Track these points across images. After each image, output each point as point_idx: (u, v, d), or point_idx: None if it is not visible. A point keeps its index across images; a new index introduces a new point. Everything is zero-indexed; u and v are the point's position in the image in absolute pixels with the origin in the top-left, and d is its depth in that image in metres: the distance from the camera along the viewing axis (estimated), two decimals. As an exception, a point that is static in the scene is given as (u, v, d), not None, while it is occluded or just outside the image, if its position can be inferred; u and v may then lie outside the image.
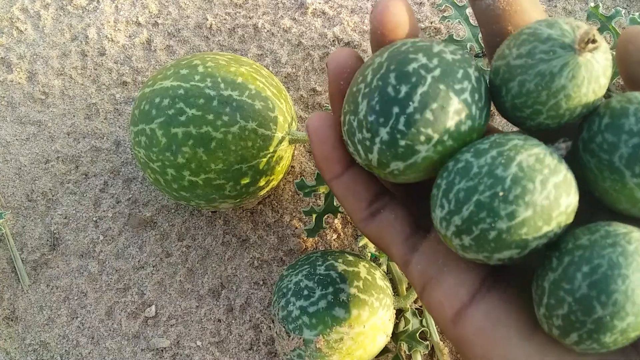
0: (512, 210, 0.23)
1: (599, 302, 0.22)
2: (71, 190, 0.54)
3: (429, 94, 0.25)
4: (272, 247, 0.52)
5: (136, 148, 0.43)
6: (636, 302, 0.22)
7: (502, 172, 0.23)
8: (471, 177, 0.24)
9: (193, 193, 0.43)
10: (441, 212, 0.25)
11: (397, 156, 0.25)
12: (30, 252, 0.52)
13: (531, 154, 0.24)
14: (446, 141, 0.25)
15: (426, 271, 0.28)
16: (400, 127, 0.25)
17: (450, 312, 0.27)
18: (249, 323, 0.49)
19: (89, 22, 0.61)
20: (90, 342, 0.49)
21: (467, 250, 0.25)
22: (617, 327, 0.22)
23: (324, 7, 0.61)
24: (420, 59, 0.26)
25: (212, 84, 0.41)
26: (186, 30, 0.61)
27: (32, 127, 0.57)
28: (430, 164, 0.26)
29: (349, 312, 0.39)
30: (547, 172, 0.23)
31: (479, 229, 0.24)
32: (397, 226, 0.29)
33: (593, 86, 0.24)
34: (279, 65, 0.59)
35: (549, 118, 0.25)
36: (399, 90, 0.25)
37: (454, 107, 0.25)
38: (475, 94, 0.25)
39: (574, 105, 0.24)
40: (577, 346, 0.23)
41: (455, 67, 0.25)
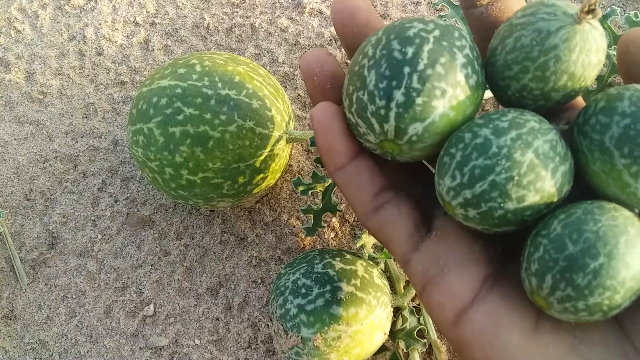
0: (522, 195, 0.24)
1: (571, 239, 0.23)
2: (69, 190, 0.54)
3: (436, 50, 0.25)
4: (270, 245, 0.52)
5: (134, 147, 0.43)
6: (608, 242, 0.22)
7: (520, 156, 0.24)
8: (489, 156, 0.24)
9: (191, 192, 0.43)
10: (451, 182, 0.25)
11: (415, 117, 0.25)
12: (29, 251, 0.52)
13: (546, 140, 0.24)
14: (459, 95, 0.25)
15: (427, 271, 0.28)
16: (414, 84, 0.25)
17: (450, 314, 0.26)
18: (247, 321, 0.49)
19: (87, 21, 0.61)
20: (89, 341, 0.49)
21: (468, 220, 0.26)
22: (590, 266, 0.22)
23: (321, 7, 0.61)
24: (417, 25, 0.27)
25: (209, 83, 0.41)
26: (184, 30, 0.61)
27: (30, 127, 0.57)
28: (447, 125, 0.26)
29: (346, 310, 0.39)
30: (558, 160, 0.24)
31: (487, 206, 0.24)
32: (400, 222, 0.29)
33: (583, 57, 0.25)
34: (276, 65, 0.59)
35: (535, 79, 0.25)
36: (406, 52, 0.26)
37: (460, 61, 0.26)
38: (474, 51, 0.27)
39: (560, 70, 0.25)
40: (556, 301, 0.23)
41: (450, 28, 0.27)
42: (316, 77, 0.30)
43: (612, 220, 0.23)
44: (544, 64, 0.25)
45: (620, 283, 0.22)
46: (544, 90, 0.26)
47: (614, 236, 0.22)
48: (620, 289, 0.22)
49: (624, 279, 0.22)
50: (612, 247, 0.22)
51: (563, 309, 0.23)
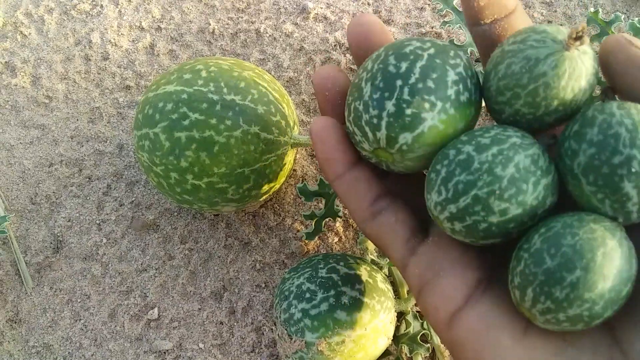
0: (504, 208, 0.25)
1: (549, 254, 0.23)
2: (74, 194, 0.55)
3: (428, 66, 0.27)
4: (274, 250, 0.52)
5: (139, 152, 0.43)
6: (585, 255, 0.22)
7: (500, 171, 0.25)
8: (472, 172, 0.25)
9: (196, 196, 0.43)
10: (438, 197, 0.26)
11: (404, 126, 0.27)
12: (34, 255, 0.52)
13: (527, 154, 0.25)
14: (449, 109, 0.27)
15: (423, 275, 0.29)
16: (405, 96, 0.27)
17: (444, 316, 0.27)
18: (251, 325, 0.49)
19: (93, 26, 0.62)
20: (93, 344, 0.49)
21: (455, 234, 0.27)
22: (567, 280, 0.23)
23: (326, 12, 0.61)
24: (415, 43, 0.28)
25: (215, 89, 0.41)
26: (189, 35, 0.61)
27: (36, 131, 0.57)
28: (436, 136, 0.27)
29: (350, 315, 0.39)
30: (539, 174, 0.25)
31: (471, 220, 0.25)
32: (397, 228, 0.30)
33: (573, 83, 0.25)
34: (281, 70, 0.59)
35: (526, 105, 0.26)
36: (400, 67, 0.27)
37: (451, 78, 0.27)
38: (468, 70, 0.28)
39: (550, 96, 0.25)
40: (538, 313, 0.24)
41: (447, 48, 0.28)
42: (328, 92, 0.32)
43: (589, 234, 0.23)
44: (534, 90, 0.25)
45: (598, 295, 0.22)
46: (536, 115, 0.26)
47: (590, 249, 0.22)
48: (599, 300, 0.22)
49: (602, 291, 0.22)
50: (589, 260, 0.22)
51: (545, 320, 0.24)
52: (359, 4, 0.62)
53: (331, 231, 0.52)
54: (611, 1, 0.60)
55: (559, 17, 0.60)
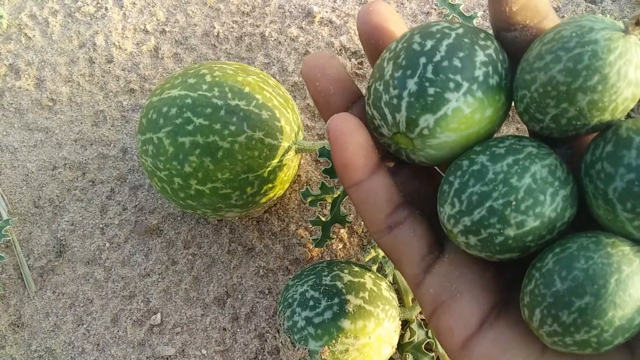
0: (521, 220, 0.24)
1: (560, 276, 0.23)
2: (78, 197, 0.54)
3: (455, 45, 0.25)
4: (277, 256, 0.52)
5: (143, 157, 0.43)
6: (596, 281, 0.22)
7: (516, 182, 0.24)
8: (486, 182, 0.24)
9: (199, 202, 0.43)
10: (451, 210, 0.25)
11: (426, 107, 0.25)
12: (37, 259, 0.52)
13: (544, 164, 0.24)
14: (476, 91, 0.25)
15: (438, 295, 0.28)
16: (428, 74, 0.25)
17: (459, 339, 0.27)
18: (254, 332, 0.49)
19: (97, 29, 0.61)
20: (96, 349, 0.49)
21: (470, 248, 0.25)
22: (575, 305, 0.22)
23: (331, 16, 0.61)
24: (443, 24, 0.26)
25: (219, 94, 0.41)
26: (193, 38, 0.61)
27: (40, 134, 0.57)
28: (461, 121, 0.25)
29: (354, 323, 0.39)
30: (557, 184, 0.24)
31: (487, 233, 0.24)
32: (414, 244, 0.29)
33: (621, 64, 0.22)
34: (285, 74, 0.59)
35: (565, 71, 0.23)
36: (425, 45, 0.25)
37: (480, 59, 0.25)
38: (500, 54, 0.26)
39: (594, 68, 0.23)
40: (545, 334, 0.23)
41: (477, 30, 0.26)
42: (318, 83, 0.30)
43: (605, 258, 0.22)
44: (579, 55, 0.23)
45: (607, 322, 0.22)
46: (570, 88, 0.23)
47: (603, 275, 0.22)
48: (609, 328, 0.22)
49: (612, 318, 0.22)
50: (601, 286, 0.22)
51: (552, 342, 0.23)
52: (365, 7, 0.62)
53: (336, 238, 0.52)
54: (619, 7, 0.60)
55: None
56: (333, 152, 0.28)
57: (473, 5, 0.61)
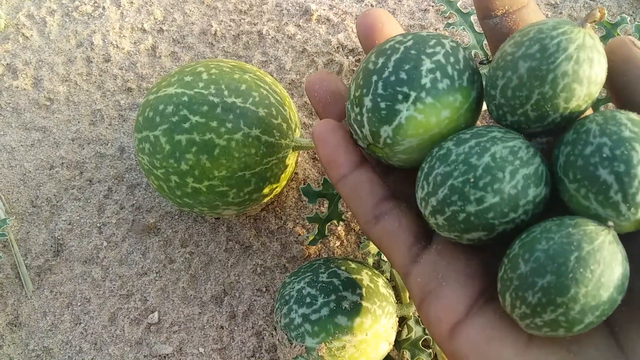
0: (480, 196, 0.25)
1: (523, 259, 0.23)
2: (75, 196, 0.54)
3: (402, 58, 0.27)
4: (275, 254, 0.51)
5: (140, 155, 0.43)
6: (556, 260, 0.22)
7: (475, 160, 0.25)
8: (449, 163, 0.26)
9: (196, 200, 0.43)
10: (421, 193, 0.27)
11: (381, 120, 0.27)
12: (34, 258, 0.52)
13: (506, 146, 0.25)
14: (424, 98, 0.26)
15: (426, 284, 0.28)
16: (379, 91, 0.27)
17: (446, 327, 0.27)
18: (252, 330, 0.49)
19: (95, 28, 0.61)
20: (93, 348, 0.49)
21: (441, 229, 0.27)
22: (537, 284, 0.22)
23: (329, 14, 0.61)
24: (397, 38, 0.29)
25: (215, 91, 0.41)
26: (191, 37, 0.61)
27: (37, 133, 0.57)
28: (418, 127, 0.27)
29: (351, 320, 0.39)
30: (518, 163, 0.25)
31: (450, 211, 0.25)
32: (400, 234, 0.30)
33: (586, 55, 0.24)
34: (283, 72, 0.59)
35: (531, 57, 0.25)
36: (377, 62, 0.28)
37: (426, 67, 0.27)
38: (451, 57, 0.27)
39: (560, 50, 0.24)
40: (518, 318, 0.24)
41: (427, 38, 0.28)
42: (317, 93, 0.34)
43: (565, 238, 0.23)
44: (542, 48, 0.25)
45: (571, 299, 0.22)
46: (536, 79, 0.25)
47: (563, 254, 0.22)
48: (573, 305, 0.22)
49: (576, 295, 0.22)
50: (560, 264, 0.22)
51: (526, 325, 0.24)
52: (362, 5, 0.62)
53: (333, 235, 0.52)
54: (617, 3, 0.60)
55: (565, 19, 0.59)
56: (318, 151, 0.32)
57: (470, 2, 0.60)
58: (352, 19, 0.61)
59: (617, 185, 0.23)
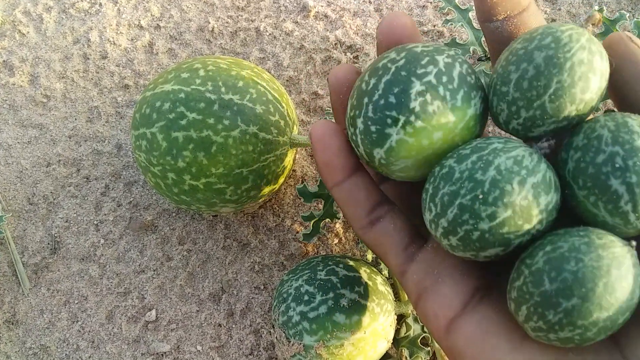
0: (492, 212, 0.24)
1: (549, 276, 0.23)
2: (72, 194, 0.54)
3: (392, 81, 0.26)
4: (273, 251, 0.51)
5: (137, 152, 0.42)
6: (585, 285, 0.22)
7: (481, 175, 0.24)
8: (453, 182, 0.25)
9: (194, 197, 0.42)
10: (430, 215, 0.26)
11: (373, 142, 0.27)
12: (31, 256, 0.52)
13: (509, 156, 0.24)
14: (414, 122, 0.26)
15: (422, 281, 0.29)
16: (369, 114, 0.27)
17: (443, 322, 0.27)
18: (250, 328, 0.49)
19: (91, 25, 0.61)
20: (91, 346, 0.49)
21: (455, 250, 0.26)
22: (562, 306, 0.22)
23: (326, 11, 0.61)
24: (391, 55, 0.28)
25: (213, 88, 0.41)
26: (188, 34, 0.60)
27: (34, 130, 0.57)
28: (410, 149, 0.26)
29: (349, 318, 0.39)
30: (524, 173, 0.24)
31: (463, 230, 0.25)
32: (396, 236, 0.30)
33: (586, 55, 0.24)
34: (280, 69, 0.58)
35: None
36: (369, 83, 0.27)
37: (415, 89, 0.26)
38: (443, 76, 0.26)
39: (564, 56, 0.24)
40: (529, 329, 0.24)
41: (421, 56, 0.27)
42: (342, 95, 0.32)
43: (595, 261, 0.22)
44: (545, 49, 0.25)
45: (592, 323, 0.22)
46: (540, 80, 0.25)
47: (592, 279, 0.22)
48: (592, 327, 0.22)
49: (597, 320, 0.22)
50: (589, 290, 0.22)
51: (537, 336, 0.24)
52: (360, 1, 0.62)
53: (331, 232, 0.51)
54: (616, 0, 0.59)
55: (563, 15, 0.59)
56: (316, 154, 0.31)
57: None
58: (350, 15, 0.61)
59: (628, 196, 0.23)
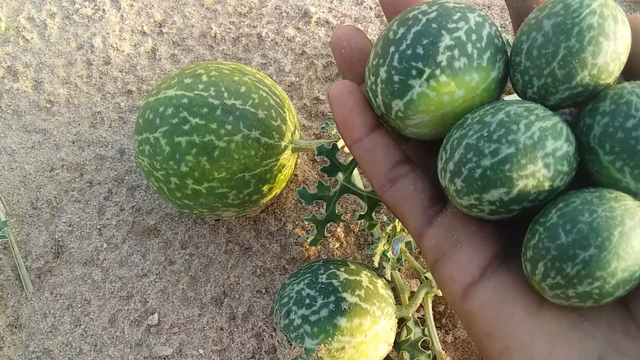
0: (495, 148, 0.24)
1: (564, 229, 0.23)
2: (75, 198, 0.55)
3: (422, 31, 0.26)
4: (274, 255, 0.52)
5: (140, 157, 0.43)
6: (601, 234, 0.22)
7: (490, 118, 0.25)
8: (464, 127, 0.26)
9: (196, 201, 0.43)
10: (440, 163, 0.27)
11: (394, 93, 0.27)
12: (35, 260, 0.52)
13: (522, 105, 0.25)
14: (439, 76, 0.26)
15: (440, 245, 0.28)
16: (394, 63, 0.27)
17: (460, 287, 0.27)
18: (251, 331, 0.49)
19: (95, 31, 0.62)
20: (93, 350, 0.49)
21: (461, 195, 0.26)
22: (579, 257, 0.22)
23: (328, 17, 0.61)
24: (422, 7, 0.28)
25: (215, 93, 0.41)
26: (191, 39, 0.61)
27: (38, 136, 0.57)
28: (430, 104, 0.26)
29: (350, 321, 0.39)
30: (533, 117, 0.24)
31: (467, 169, 0.25)
32: (415, 197, 0.30)
33: (611, 22, 0.24)
34: (282, 74, 0.59)
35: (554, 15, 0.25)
36: (397, 32, 0.27)
37: (445, 43, 0.26)
38: (473, 34, 0.26)
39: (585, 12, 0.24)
40: (547, 287, 0.24)
41: (453, 10, 0.27)
42: (344, 50, 0.32)
43: (609, 212, 0.23)
44: (565, 15, 0.24)
45: (610, 274, 0.22)
46: (560, 45, 0.25)
47: (607, 228, 0.22)
48: (611, 279, 0.22)
49: (615, 270, 0.22)
50: (605, 239, 0.22)
51: (554, 295, 0.24)
52: (361, 8, 0.62)
53: (332, 237, 0.52)
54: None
55: None
56: (334, 112, 0.31)
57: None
58: (351, 21, 0.61)
59: None
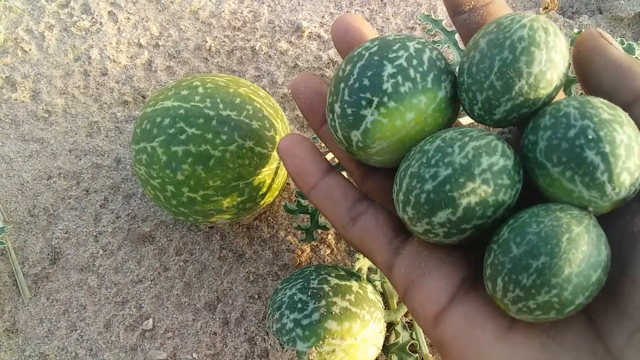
0: (434, 172, 0.26)
1: (515, 242, 0.24)
2: (72, 206, 0.56)
3: (366, 65, 0.28)
4: (267, 261, 0.53)
5: (137, 165, 0.44)
6: (549, 242, 0.23)
7: (428, 146, 0.26)
8: (408, 158, 0.27)
9: (191, 209, 0.44)
10: (394, 195, 0.28)
11: (350, 125, 0.28)
12: (32, 266, 0.53)
13: (457, 130, 0.26)
14: (387, 102, 0.27)
15: (409, 274, 0.29)
16: (345, 97, 0.28)
17: (430, 315, 0.28)
18: (244, 336, 0.50)
19: (92, 43, 0.63)
20: (89, 354, 0.50)
21: (414, 222, 0.27)
22: (532, 266, 0.23)
23: (319, 31, 0.63)
24: (365, 44, 0.30)
25: (211, 105, 0.43)
26: (186, 52, 0.63)
27: (35, 145, 0.58)
28: (385, 130, 0.28)
29: (341, 325, 0.40)
30: (467, 139, 0.26)
31: (413, 196, 0.26)
32: (379, 230, 0.30)
33: (552, 38, 0.25)
34: (275, 86, 0.60)
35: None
36: (345, 70, 0.29)
37: (387, 72, 0.28)
38: (414, 59, 0.28)
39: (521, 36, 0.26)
40: (510, 302, 0.24)
41: (392, 42, 0.29)
42: (302, 95, 0.34)
43: (555, 221, 0.23)
44: (503, 38, 0.26)
45: (565, 280, 0.23)
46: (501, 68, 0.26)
47: (555, 235, 0.23)
48: (567, 285, 0.23)
49: (569, 276, 0.23)
50: (554, 245, 0.23)
51: (518, 309, 0.24)
52: (352, 23, 0.64)
53: (323, 243, 0.53)
54: (595, 22, 0.62)
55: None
56: (286, 165, 0.32)
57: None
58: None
59: (603, 166, 0.23)
